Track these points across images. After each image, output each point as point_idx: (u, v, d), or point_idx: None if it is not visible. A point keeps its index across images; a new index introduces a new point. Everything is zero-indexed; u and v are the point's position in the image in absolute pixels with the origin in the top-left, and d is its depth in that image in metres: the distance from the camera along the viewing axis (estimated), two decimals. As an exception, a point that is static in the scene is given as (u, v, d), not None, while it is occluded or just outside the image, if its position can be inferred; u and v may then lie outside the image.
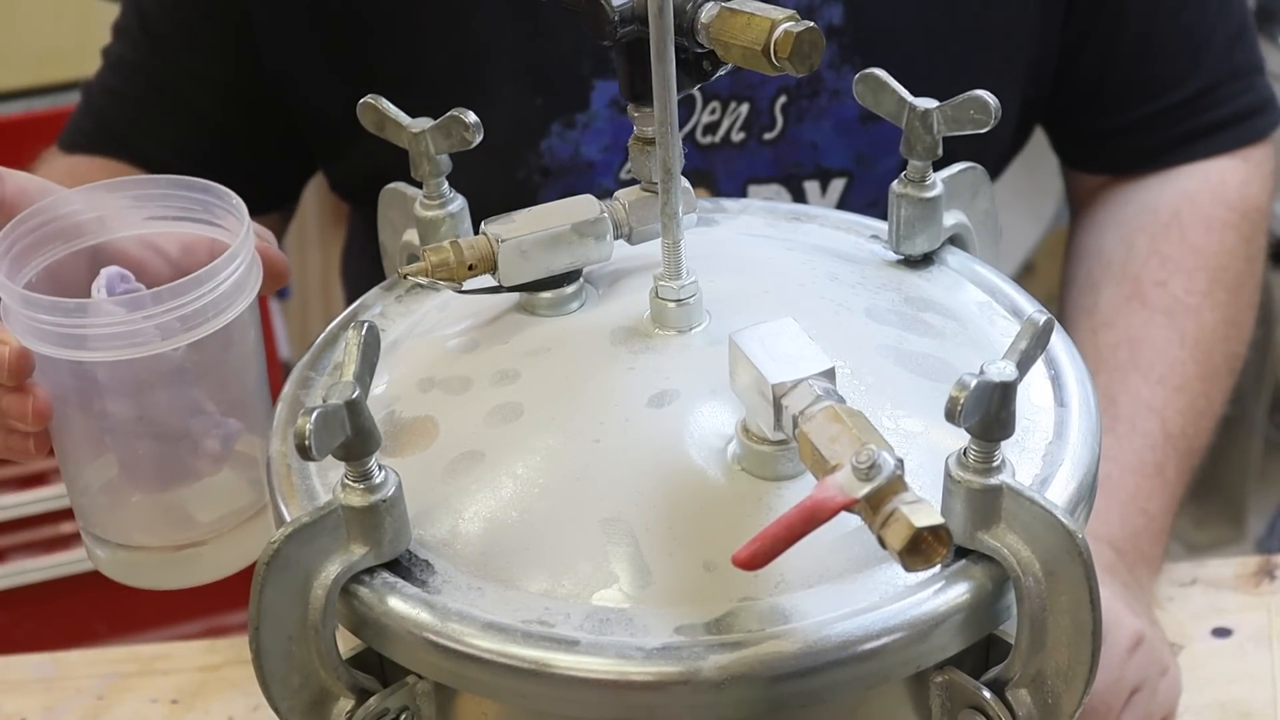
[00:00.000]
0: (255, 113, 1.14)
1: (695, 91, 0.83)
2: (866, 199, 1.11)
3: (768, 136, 1.10)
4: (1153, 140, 1.19)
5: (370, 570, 0.61)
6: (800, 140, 1.10)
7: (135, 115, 1.15)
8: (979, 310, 0.74)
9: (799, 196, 1.11)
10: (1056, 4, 1.13)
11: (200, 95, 1.13)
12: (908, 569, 0.53)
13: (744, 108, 1.08)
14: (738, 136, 1.09)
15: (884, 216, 0.77)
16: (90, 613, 1.94)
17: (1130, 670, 0.96)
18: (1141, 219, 1.17)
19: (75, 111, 1.18)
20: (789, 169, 1.11)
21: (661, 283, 0.68)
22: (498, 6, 1.07)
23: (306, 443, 0.56)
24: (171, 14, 1.13)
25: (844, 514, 0.54)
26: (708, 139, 1.09)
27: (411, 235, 0.78)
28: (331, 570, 0.60)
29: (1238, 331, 1.16)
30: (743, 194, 1.10)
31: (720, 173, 1.10)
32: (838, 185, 1.11)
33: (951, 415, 0.56)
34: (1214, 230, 1.16)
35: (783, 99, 1.09)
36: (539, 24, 1.07)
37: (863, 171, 1.11)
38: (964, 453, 0.59)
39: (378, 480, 0.60)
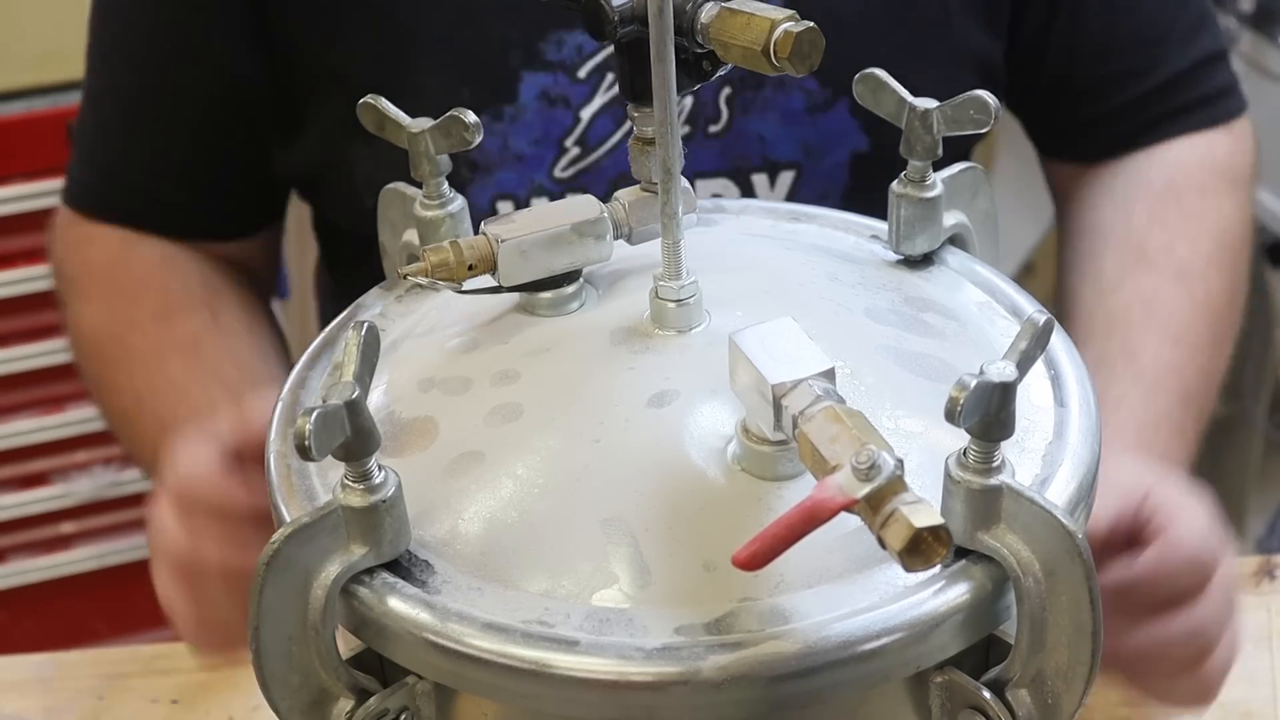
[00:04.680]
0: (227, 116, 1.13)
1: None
2: (816, 192, 1.10)
3: (713, 129, 1.08)
4: (1125, 127, 1.18)
5: (370, 570, 0.61)
6: (747, 132, 1.08)
7: (136, 157, 1.14)
8: (979, 310, 0.74)
9: (747, 190, 1.10)
10: (999, 5, 1.13)
11: (185, 111, 1.12)
12: (908, 569, 0.53)
13: (687, 100, 1.06)
14: (682, 130, 1.08)
15: (834, 209, 0.78)
16: (90, 613, 1.94)
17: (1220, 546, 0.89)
18: (1136, 189, 1.16)
19: (74, 160, 1.18)
20: (736, 162, 1.09)
21: (661, 283, 0.68)
22: None
23: (306, 443, 0.56)
24: (148, 37, 1.12)
25: (844, 514, 0.54)
26: None
27: (411, 235, 0.78)
28: (331, 570, 0.60)
29: (1238, 300, 1.15)
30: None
31: None
32: (786, 178, 1.10)
33: (951, 415, 0.56)
34: (1209, 197, 1.15)
35: (727, 90, 1.07)
36: (465, 11, 1.05)
37: (811, 164, 1.10)
38: (964, 453, 0.59)
39: (378, 480, 0.60)
